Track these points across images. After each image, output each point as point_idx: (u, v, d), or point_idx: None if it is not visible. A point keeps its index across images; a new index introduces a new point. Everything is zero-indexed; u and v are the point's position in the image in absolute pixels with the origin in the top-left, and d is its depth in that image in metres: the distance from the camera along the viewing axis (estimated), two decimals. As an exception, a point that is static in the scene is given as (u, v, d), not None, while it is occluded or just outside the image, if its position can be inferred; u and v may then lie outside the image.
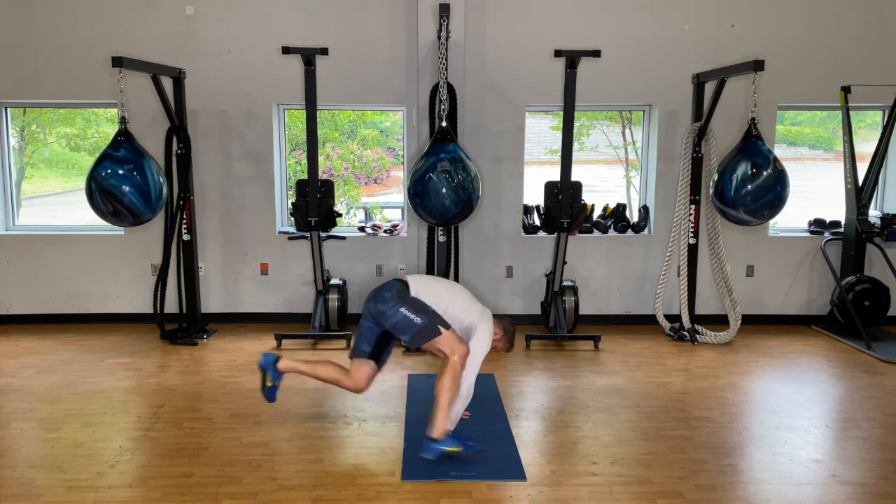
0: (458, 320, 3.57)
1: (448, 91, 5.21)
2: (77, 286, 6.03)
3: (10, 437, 3.75)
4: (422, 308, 3.51)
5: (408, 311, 3.48)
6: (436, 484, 3.21)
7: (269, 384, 3.73)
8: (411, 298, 3.54)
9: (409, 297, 3.54)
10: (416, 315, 3.47)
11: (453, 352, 3.42)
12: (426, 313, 3.49)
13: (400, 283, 3.62)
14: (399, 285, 3.59)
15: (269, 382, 3.73)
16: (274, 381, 3.73)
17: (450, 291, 3.68)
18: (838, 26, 5.83)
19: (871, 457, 3.55)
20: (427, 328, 3.45)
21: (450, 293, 3.65)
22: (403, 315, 3.48)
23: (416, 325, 3.45)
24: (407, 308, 3.49)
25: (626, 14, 5.79)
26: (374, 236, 6.10)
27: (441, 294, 3.62)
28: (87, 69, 5.74)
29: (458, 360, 3.41)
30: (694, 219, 5.60)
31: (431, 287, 3.64)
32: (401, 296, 3.54)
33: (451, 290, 3.70)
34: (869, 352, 5.25)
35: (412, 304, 3.51)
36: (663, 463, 3.46)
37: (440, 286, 3.70)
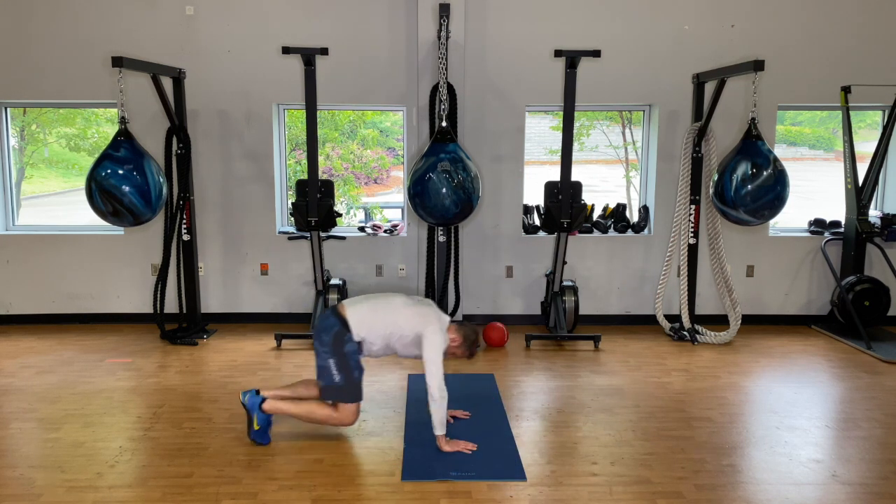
0: (405, 336, 3.56)
1: (448, 91, 5.21)
2: (77, 286, 6.03)
3: (10, 437, 3.75)
4: (348, 369, 3.51)
5: (333, 365, 3.51)
6: (436, 484, 3.22)
7: (256, 428, 3.56)
8: (344, 351, 3.51)
9: (342, 349, 3.51)
10: (338, 372, 3.51)
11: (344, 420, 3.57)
12: (348, 376, 3.51)
13: (339, 320, 3.55)
14: (338, 328, 3.53)
15: (256, 426, 3.56)
16: (261, 425, 3.56)
17: (389, 315, 3.58)
18: (838, 26, 5.83)
19: (871, 457, 3.55)
20: (338, 391, 3.52)
21: (390, 317, 3.58)
22: (328, 366, 3.51)
23: (333, 383, 3.52)
24: (335, 361, 3.50)
25: (626, 14, 5.79)
26: (374, 236, 6.10)
27: (381, 321, 3.57)
28: (87, 69, 5.74)
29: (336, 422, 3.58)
30: (694, 219, 5.60)
31: (369, 319, 3.57)
32: (336, 343, 3.51)
33: (391, 312, 3.60)
34: (869, 352, 5.25)
35: (342, 359, 3.51)
36: (663, 463, 3.46)
37: (377, 311, 3.60)
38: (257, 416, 3.57)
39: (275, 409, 3.58)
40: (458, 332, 3.64)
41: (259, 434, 3.59)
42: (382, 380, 4.60)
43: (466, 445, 3.53)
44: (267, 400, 3.59)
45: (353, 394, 3.55)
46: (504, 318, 5.97)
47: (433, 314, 3.61)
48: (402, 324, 3.56)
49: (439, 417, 3.48)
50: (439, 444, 3.50)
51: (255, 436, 3.59)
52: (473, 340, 3.69)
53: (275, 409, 3.58)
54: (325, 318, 3.60)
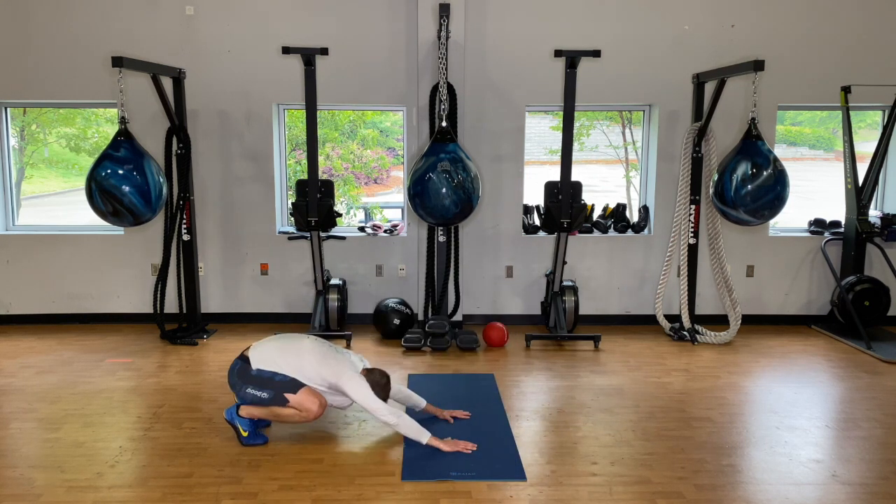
0: (315, 384, 3.58)
1: (448, 91, 5.21)
2: (77, 286, 6.03)
3: (10, 437, 3.75)
4: (266, 382, 3.54)
5: (253, 390, 3.55)
6: (436, 484, 3.21)
7: (245, 434, 3.60)
8: (252, 376, 3.56)
9: (250, 376, 3.56)
10: (261, 391, 3.54)
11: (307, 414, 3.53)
12: (271, 386, 3.53)
13: (241, 361, 3.62)
14: (240, 365, 3.61)
15: (244, 433, 3.60)
16: (248, 430, 3.60)
17: (296, 357, 3.59)
18: (838, 26, 5.83)
19: (871, 457, 3.55)
20: (277, 397, 3.52)
21: (297, 359, 3.58)
22: (252, 395, 3.55)
23: (265, 401, 3.53)
24: (252, 387, 3.55)
25: (626, 14, 5.79)
26: (374, 236, 6.10)
27: (287, 362, 3.58)
28: (87, 69, 5.74)
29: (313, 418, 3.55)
30: (694, 219, 5.60)
31: (275, 357, 3.59)
32: (242, 376, 3.58)
33: (298, 354, 3.60)
34: (869, 352, 5.25)
35: (255, 381, 3.55)
36: (663, 463, 3.46)
37: (286, 354, 3.61)
38: (239, 423, 3.60)
39: (248, 413, 3.61)
40: (368, 379, 3.59)
41: (251, 438, 3.61)
42: (382, 380, 4.60)
43: (466, 445, 3.53)
44: (241, 406, 3.62)
45: (291, 387, 3.54)
46: (504, 318, 5.97)
47: (344, 362, 3.61)
48: (310, 372, 3.57)
49: (412, 433, 3.51)
50: (437, 447, 3.50)
51: (247, 441, 3.60)
52: (384, 384, 3.65)
53: (248, 413, 3.61)
54: (230, 367, 3.69)
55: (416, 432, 3.51)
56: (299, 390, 3.53)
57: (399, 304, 5.71)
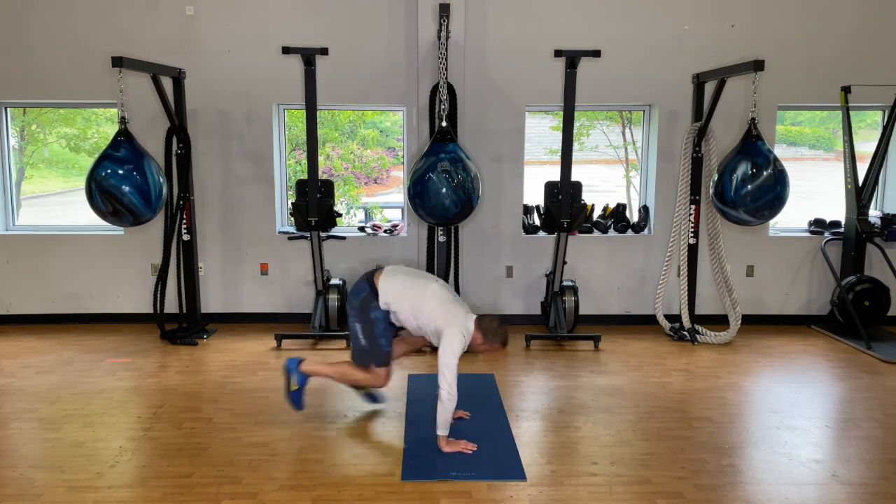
0: (426, 324, 3.60)
1: (448, 91, 5.21)
2: (77, 286, 6.03)
3: (10, 437, 3.75)
4: (372, 335, 3.60)
5: (359, 330, 3.62)
6: (436, 484, 3.22)
7: (293, 388, 3.66)
8: (370, 318, 3.61)
9: (368, 315, 3.61)
10: (363, 337, 3.62)
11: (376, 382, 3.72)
12: (371, 342, 3.59)
13: (370, 289, 3.64)
14: (367, 293, 3.64)
15: (293, 386, 3.65)
16: (300, 384, 3.67)
17: (420, 296, 3.60)
18: (838, 26, 5.83)
19: (871, 457, 3.55)
20: (364, 355, 3.62)
21: (419, 299, 3.59)
22: (355, 330, 3.64)
23: (359, 347, 3.64)
24: (361, 326, 3.61)
25: (626, 14, 5.79)
26: (374, 236, 6.10)
27: (409, 299, 3.61)
28: (87, 69, 5.74)
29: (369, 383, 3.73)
30: (694, 219, 5.60)
31: (401, 292, 3.62)
32: (363, 309, 3.63)
33: (422, 295, 3.61)
34: (869, 352, 5.25)
35: (368, 324, 3.61)
36: (663, 463, 3.46)
37: (411, 290, 3.63)
38: (296, 375, 3.67)
39: (313, 370, 3.70)
40: (478, 329, 3.58)
41: (295, 395, 3.70)
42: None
43: (467, 446, 3.53)
44: (305, 361, 3.71)
45: (379, 358, 3.64)
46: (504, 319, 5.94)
47: (460, 314, 3.59)
48: (427, 313, 3.59)
49: (444, 419, 3.49)
50: (440, 445, 3.50)
51: (292, 396, 3.71)
52: (495, 330, 3.58)
53: (312, 369, 3.70)
54: (359, 281, 3.73)
55: (444, 423, 3.50)
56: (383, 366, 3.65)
57: (399, 304, 5.70)
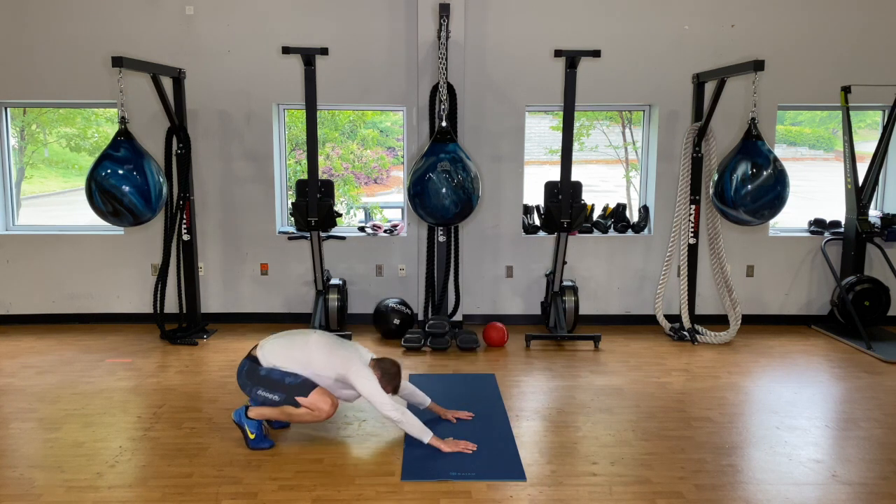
0: (323, 378, 3.57)
1: (448, 91, 5.21)
2: (77, 286, 6.03)
3: (10, 437, 3.75)
4: (276, 384, 3.53)
5: (265, 392, 3.54)
6: (436, 484, 3.22)
7: (252, 437, 3.57)
8: (262, 377, 3.55)
9: (260, 377, 3.55)
10: (272, 394, 3.53)
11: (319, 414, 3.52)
12: (282, 389, 3.52)
13: (250, 361, 3.61)
14: (249, 365, 3.60)
15: (251, 435, 3.57)
16: (255, 433, 3.57)
17: (304, 353, 3.58)
18: (838, 26, 5.83)
19: (871, 457, 3.55)
20: (288, 399, 3.51)
21: (304, 355, 3.58)
22: (263, 397, 3.55)
23: (277, 402, 3.53)
24: (263, 389, 3.54)
25: (626, 14, 5.79)
26: (374, 236, 6.10)
27: (295, 358, 3.57)
28: (87, 69, 5.74)
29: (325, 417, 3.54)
30: (694, 219, 5.60)
31: (283, 354, 3.59)
32: (251, 377, 3.58)
33: (306, 351, 3.59)
34: (869, 352, 5.25)
35: (265, 383, 3.54)
36: (663, 463, 3.46)
37: (292, 349, 3.61)
38: (247, 425, 3.58)
39: (258, 415, 3.59)
40: (377, 369, 3.59)
41: (257, 441, 3.58)
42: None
43: (467, 445, 3.53)
44: (250, 407, 3.61)
45: (302, 389, 3.52)
46: (504, 318, 5.97)
47: (353, 355, 3.60)
48: (318, 366, 3.56)
49: (415, 431, 3.51)
50: (438, 447, 3.50)
51: (254, 444, 3.58)
52: (394, 374, 3.63)
53: (258, 414, 3.59)
54: (239, 367, 3.67)
55: (419, 431, 3.51)
56: (311, 392, 3.52)
57: (399, 304, 5.71)
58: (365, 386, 3.49)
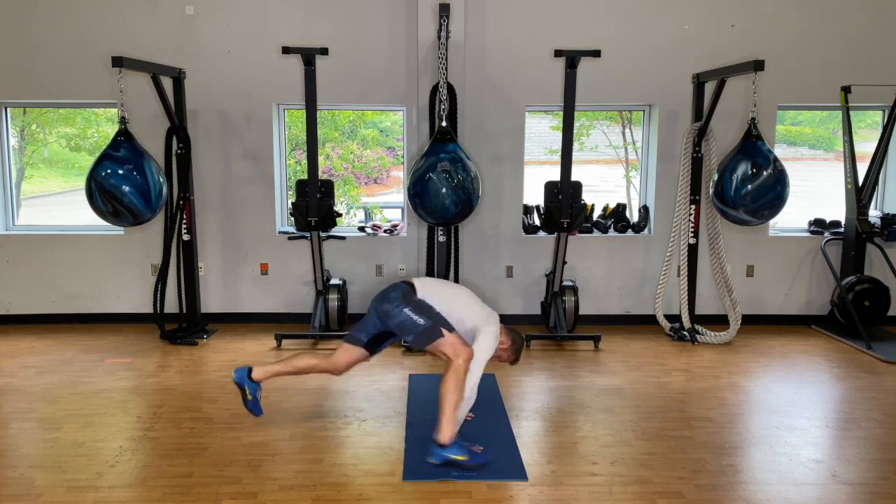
0: (461, 323, 3.58)
1: (448, 91, 5.21)
2: (77, 286, 6.03)
3: (10, 437, 3.75)
4: (425, 310, 3.53)
5: (411, 313, 3.51)
6: (436, 484, 3.22)
7: (249, 398, 3.68)
8: (416, 300, 3.56)
9: (413, 299, 3.57)
10: (419, 316, 3.49)
11: (457, 355, 3.38)
12: (430, 315, 3.51)
13: (406, 284, 3.64)
14: (405, 287, 3.63)
15: (248, 396, 3.68)
16: (253, 394, 3.68)
17: (454, 294, 3.68)
18: (838, 26, 5.83)
19: (871, 457, 3.55)
20: (430, 330, 3.46)
21: (454, 296, 3.67)
22: (407, 316, 3.51)
23: (420, 327, 3.47)
24: (411, 309, 3.52)
25: (626, 14, 5.79)
26: (374, 236, 6.10)
27: (445, 296, 3.64)
28: (87, 69, 5.74)
29: (462, 363, 3.37)
30: (694, 219, 5.59)
31: (436, 289, 3.67)
32: (406, 297, 3.57)
33: (457, 293, 3.71)
34: (869, 352, 5.25)
35: (416, 305, 3.54)
36: (663, 463, 3.46)
37: (445, 288, 3.72)
38: (248, 385, 3.66)
39: (264, 373, 3.67)
40: (507, 336, 3.67)
41: (254, 404, 3.69)
42: (382, 380, 4.60)
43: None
44: (254, 368, 3.69)
45: (447, 324, 3.51)
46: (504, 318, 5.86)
47: (494, 316, 3.67)
48: (464, 311, 3.60)
49: (458, 417, 3.46)
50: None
51: (250, 405, 3.69)
52: (520, 346, 3.74)
53: (263, 373, 3.67)
54: (392, 285, 3.69)
55: (459, 419, 3.48)
56: (453, 332, 3.49)
57: (399, 304, 5.70)
58: (486, 344, 3.49)
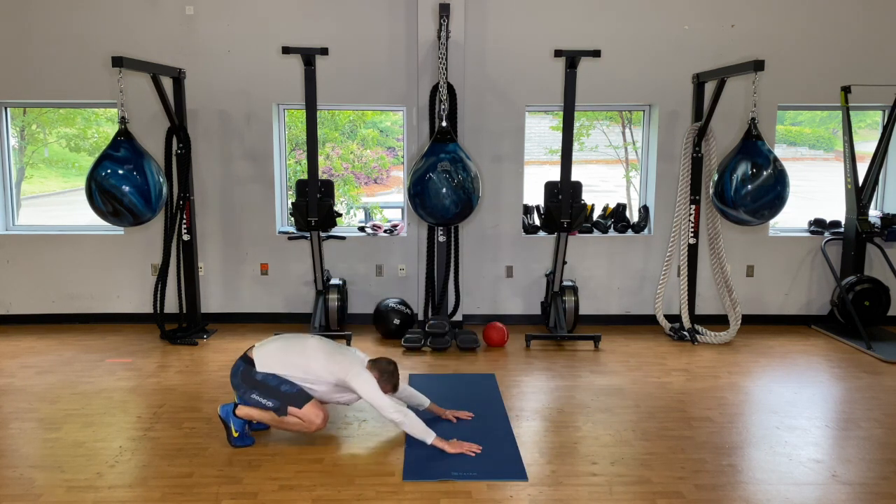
0: (322, 383, 3.56)
1: (448, 91, 5.21)
2: (77, 286, 6.03)
3: (10, 437, 3.75)
4: (272, 390, 3.52)
5: (258, 397, 3.53)
6: (436, 484, 3.21)
7: (235, 434, 3.57)
8: (258, 382, 3.53)
9: (255, 381, 3.54)
10: (266, 399, 3.52)
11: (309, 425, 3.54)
12: (276, 396, 3.51)
13: (245, 363, 3.59)
14: (244, 367, 3.58)
15: (235, 433, 3.57)
16: (240, 430, 3.58)
17: (301, 353, 3.60)
18: (838, 26, 5.83)
19: (871, 457, 3.55)
20: (279, 409, 3.52)
21: (301, 356, 3.58)
22: (256, 401, 3.54)
23: (270, 408, 3.52)
24: (257, 394, 3.53)
25: (626, 14, 5.79)
26: (374, 236, 6.10)
27: (292, 360, 3.57)
28: (87, 69, 5.74)
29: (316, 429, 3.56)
30: (694, 219, 5.60)
31: (279, 358, 3.58)
32: (246, 380, 3.56)
33: (303, 351, 3.61)
34: (869, 352, 5.25)
35: (260, 387, 3.53)
36: (663, 463, 3.46)
37: (291, 354, 3.60)
38: (233, 422, 3.58)
39: (246, 415, 3.57)
40: (374, 370, 3.60)
41: (240, 439, 3.58)
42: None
43: (471, 447, 3.51)
44: (239, 406, 3.60)
45: (297, 399, 3.53)
46: (504, 318, 5.97)
47: (350, 358, 3.61)
48: (317, 371, 3.55)
49: (418, 432, 3.50)
50: (442, 448, 3.48)
51: (236, 442, 3.58)
52: (391, 372, 3.64)
53: (246, 414, 3.57)
54: (233, 367, 3.66)
55: (422, 432, 3.50)
56: (305, 403, 3.52)
57: (399, 304, 5.71)
58: (365, 389, 3.50)
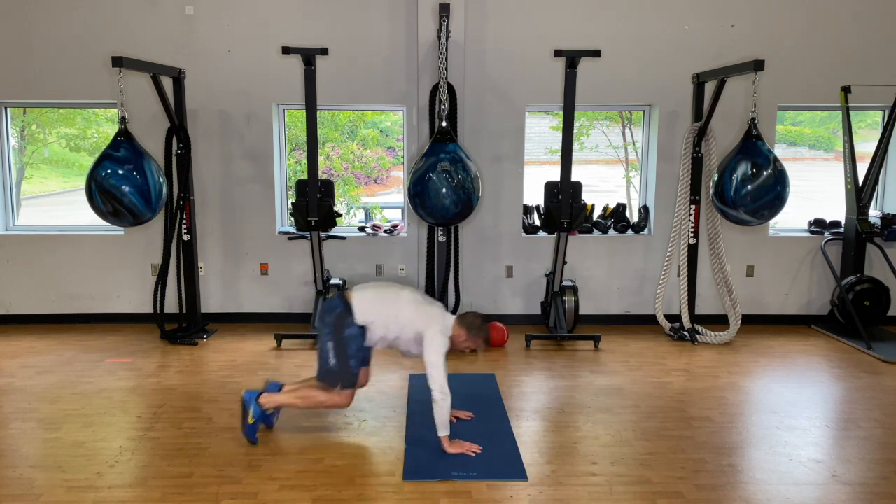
0: (405, 332, 3.57)
1: (448, 91, 5.21)
2: (77, 286, 6.03)
3: (10, 437, 3.75)
4: (344, 355, 3.53)
5: (331, 349, 3.54)
6: (436, 484, 3.22)
7: (250, 421, 3.57)
8: (345, 335, 3.53)
9: (343, 333, 3.54)
10: (334, 357, 3.53)
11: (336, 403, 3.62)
12: (345, 359, 3.53)
13: (343, 306, 3.58)
14: (341, 309, 3.57)
15: (250, 420, 3.57)
16: (255, 418, 3.57)
17: (395, 301, 3.60)
18: (838, 26, 5.83)
19: (871, 457, 3.55)
20: (331, 375, 3.55)
21: (394, 304, 3.59)
22: (325, 350, 3.55)
23: (327, 366, 3.55)
24: (334, 344, 3.54)
25: (626, 14, 5.79)
26: (374, 236, 6.10)
27: (385, 309, 3.58)
28: (87, 69, 5.74)
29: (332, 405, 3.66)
30: (694, 219, 5.60)
31: (375, 303, 3.60)
32: (338, 326, 3.55)
33: (396, 301, 3.61)
34: (869, 352, 5.25)
35: (343, 341, 3.53)
36: (663, 463, 3.46)
37: (383, 300, 3.61)
38: (253, 408, 3.58)
39: (271, 401, 3.60)
40: (460, 327, 3.60)
41: (251, 429, 3.58)
42: (382, 379, 4.60)
43: (471, 447, 3.52)
44: (264, 393, 3.63)
45: (347, 380, 3.58)
46: (504, 318, 5.97)
47: (437, 314, 3.60)
48: (404, 319, 3.56)
49: (442, 419, 3.47)
50: (444, 446, 3.49)
51: (248, 430, 3.58)
52: (479, 326, 3.62)
53: (271, 400, 3.60)
54: (331, 300, 3.66)
55: (443, 423, 3.47)
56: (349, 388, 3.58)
57: (399, 304, 5.70)
58: (432, 352, 3.48)
